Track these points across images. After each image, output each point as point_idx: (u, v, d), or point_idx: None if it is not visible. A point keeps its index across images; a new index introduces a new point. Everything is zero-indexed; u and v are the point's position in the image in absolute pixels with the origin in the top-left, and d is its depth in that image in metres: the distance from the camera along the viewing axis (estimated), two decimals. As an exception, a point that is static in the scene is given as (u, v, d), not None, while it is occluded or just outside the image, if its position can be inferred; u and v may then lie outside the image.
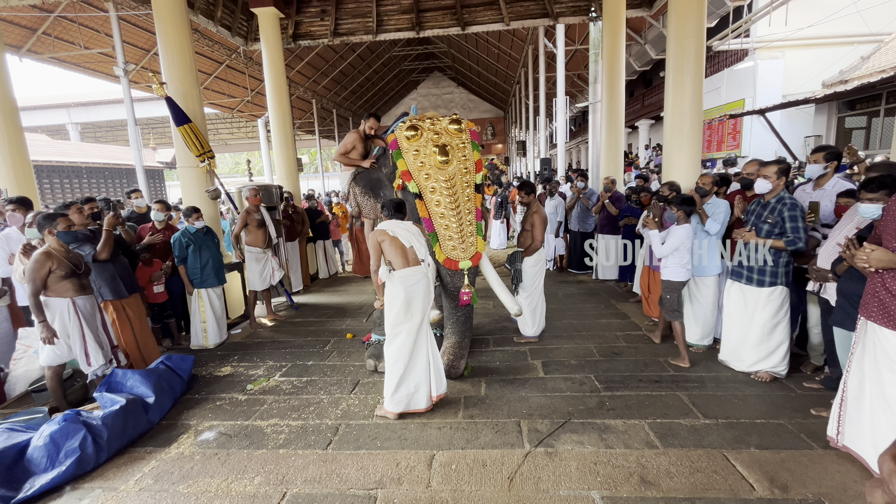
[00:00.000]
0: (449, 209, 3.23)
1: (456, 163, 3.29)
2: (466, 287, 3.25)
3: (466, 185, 3.33)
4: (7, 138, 4.69)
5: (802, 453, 2.37)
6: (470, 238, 3.30)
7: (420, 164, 3.29)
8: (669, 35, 4.75)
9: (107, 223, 3.39)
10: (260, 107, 16.43)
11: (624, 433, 2.63)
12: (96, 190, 17.48)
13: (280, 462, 2.52)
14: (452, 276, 3.35)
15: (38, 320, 2.96)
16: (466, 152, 3.37)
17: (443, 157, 3.22)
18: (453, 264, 3.27)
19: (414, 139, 3.31)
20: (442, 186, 3.24)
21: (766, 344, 3.12)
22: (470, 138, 3.46)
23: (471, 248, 3.29)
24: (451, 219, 3.24)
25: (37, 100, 21.75)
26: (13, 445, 2.44)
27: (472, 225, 3.32)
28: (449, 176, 3.25)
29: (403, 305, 2.82)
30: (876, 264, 2.04)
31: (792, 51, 11.19)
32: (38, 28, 9.08)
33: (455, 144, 3.33)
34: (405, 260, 2.86)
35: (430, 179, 3.27)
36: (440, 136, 3.34)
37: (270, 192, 5.99)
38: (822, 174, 3.25)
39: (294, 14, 8.30)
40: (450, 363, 3.30)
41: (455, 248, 3.27)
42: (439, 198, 3.26)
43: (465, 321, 3.43)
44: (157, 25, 4.71)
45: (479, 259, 3.34)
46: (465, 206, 3.30)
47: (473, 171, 3.40)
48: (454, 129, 3.38)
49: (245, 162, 7.09)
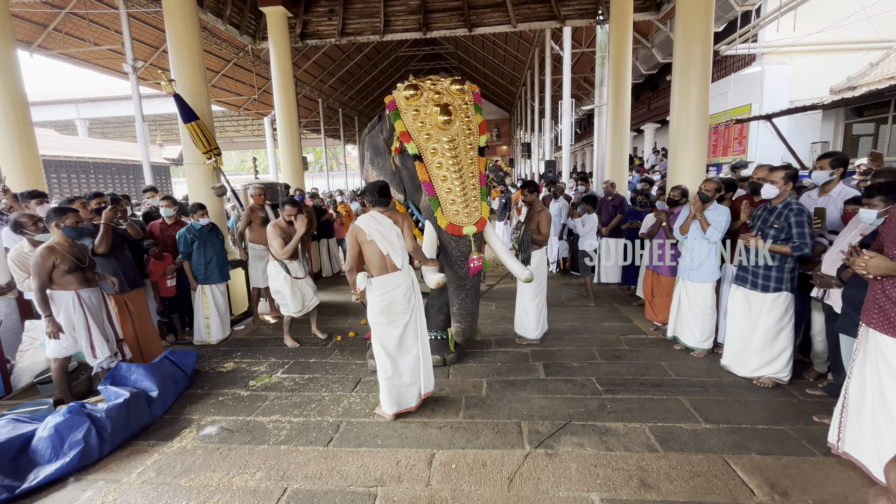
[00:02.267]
0: (452, 171, 3.03)
1: (459, 123, 3.09)
2: (475, 253, 3.07)
3: (470, 146, 3.12)
4: (17, 133, 4.74)
5: (804, 460, 2.36)
6: (474, 203, 3.09)
7: (420, 124, 3.08)
8: (676, 39, 4.75)
9: (104, 217, 3.40)
10: (266, 105, 16.51)
11: (624, 436, 2.63)
12: (103, 185, 17.62)
13: (281, 458, 2.54)
14: (458, 243, 3.13)
15: (44, 315, 2.99)
16: (469, 113, 3.18)
17: (445, 116, 3.02)
18: (457, 230, 3.05)
19: (413, 98, 3.10)
20: (444, 147, 3.04)
21: (770, 350, 3.11)
22: (472, 100, 3.28)
23: (475, 213, 3.09)
24: (454, 182, 3.03)
25: (46, 95, 21.94)
26: (18, 436, 2.47)
27: (476, 189, 3.11)
28: (451, 136, 3.05)
29: (384, 311, 2.83)
30: (874, 272, 2.05)
31: (800, 56, 11.14)
32: (49, 24, 9.17)
33: (457, 105, 3.13)
34: (382, 267, 2.82)
35: (431, 140, 3.06)
36: (442, 96, 3.13)
37: (275, 190, 6.02)
38: (828, 181, 3.25)
39: (302, 13, 8.35)
40: (462, 332, 3.25)
41: (458, 212, 3.06)
42: (441, 159, 3.05)
43: (474, 297, 3.24)
44: (166, 23, 4.75)
45: (485, 225, 3.14)
46: (469, 169, 3.09)
47: (477, 132, 3.20)
48: (456, 90, 3.18)
49: (251, 160, 7.14)
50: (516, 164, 25.83)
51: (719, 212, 3.53)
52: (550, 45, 11.24)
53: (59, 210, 3.10)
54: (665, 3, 7.51)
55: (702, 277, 3.63)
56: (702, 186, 3.64)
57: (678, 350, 3.85)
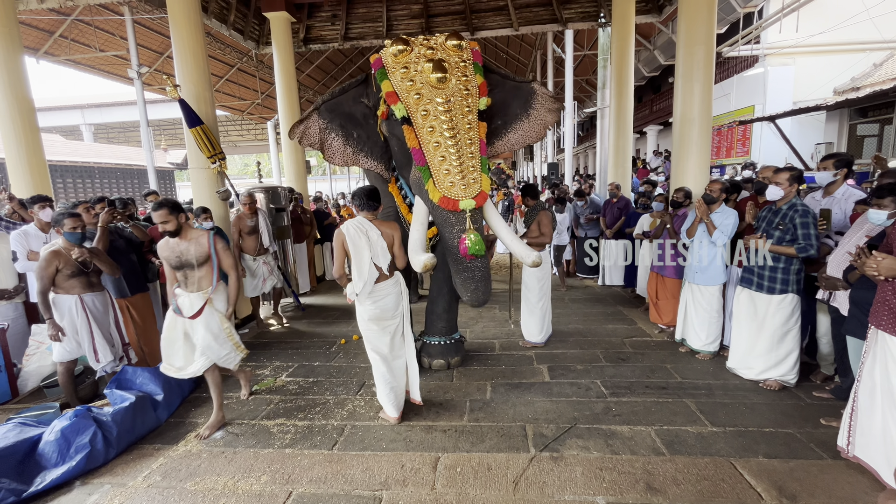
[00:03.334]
0: (446, 137, 2.64)
1: (455, 81, 2.72)
2: (469, 231, 2.60)
3: (468, 109, 2.73)
4: (24, 138, 4.80)
5: (812, 463, 2.34)
6: (473, 173, 2.67)
7: (410, 82, 2.72)
8: (679, 41, 4.75)
9: (101, 219, 3.41)
10: (270, 109, 16.60)
11: (630, 439, 2.61)
12: (108, 190, 17.73)
13: (286, 462, 2.54)
14: (456, 220, 2.70)
15: (46, 317, 3.01)
16: (468, 72, 2.81)
17: (438, 73, 2.66)
18: (452, 204, 2.62)
19: (403, 55, 2.76)
20: (438, 109, 2.66)
21: (776, 352, 3.09)
22: (471, 58, 2.90)
23: (474, 184, 2.65)
24: (450, 148, 2.64)
25: (52, 101, 22.14)
26: (25, 440, 2.48)
27: (475, 157, 2.70)
28: (446, 97, 2.68)
29: (376, 319, 2.81)
30: (886, 273, 2.03)
31: (803, 57, 11.11)
32: (56, 31, 9.27)
33: (453, 62, 2.78)
34: (371, 273, 2.73)
35: (422, 101, 2.69)
36: (435, 52, 2.79)
37: (278, 193, 6.04)
38: (832, 181, 3.23)
39: (305, 18, 8.41)
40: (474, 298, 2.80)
41: (454, 184, 2.63)
42: (434, 123, 2.66)
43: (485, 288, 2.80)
44: (171, 29, 4.79)
45: (485, 199, 2.71)
46: (466, 135, 2.70)
47: (476, 94, 2.79)
48: (452, 46, 2.82)
49: (255, 164, 7.18)
50: (518, 166, 25.83)
51: (726, 214, 3.50)
52: (552, 47, 11.26)
53: (62, 215, 3.12)
54: (667, 6, 7.52)
55: (707, 280, 3.62)
56: (707, 188, 3.63)
57: (683, 353, 3.83)
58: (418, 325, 3.98)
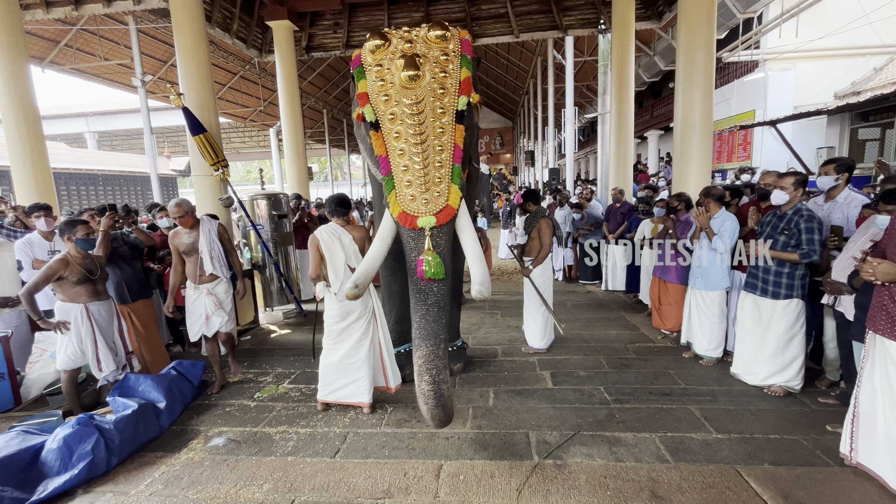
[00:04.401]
0: (411, 143, 2.35)
1: (429, 79, 2.40)
2: (427, 252, 2.31)
3: (441, 111, 2.39)
4: (30, 146, 4.85)
5: (818, 470, 2.32)
6: (438, 186, 2.35)
7: (381, 82, 2.45)
8: (679, 47, 4.78)
9: (103, 224, 3.42)
10: (272, 116, 16.72)
11: (634, 446, 2.59)
12: (112, 197, 17.84)
13: (288, 469, 2.53)
14: (415, 239, 2.38)
15: (35, 318, 3.00)
16: (449, 67, 2.48)
17: (409, 70, 2.35)
18: (410, 220, 2.34)
19: (380, 51, 2.52)
20: (405, 112, 2.37)
21: (781, 357, 3.07)
22: (459, 50, 2.57)
23: (438, 199, 2.33)
24: (414, 156, 2.35)
25: (56, 109, 22.36)
26: (28, 448, 2.48)
27: (443, 167, 2.37)
28: (416, 98, 2.37)
29: (343, 316, 3.03)
30: (882, 277, 2.04)
31: (803, 62, 11.15)
32: (61, 40, 9.38)
33: (433, 56, 2.47)
34: (345, 275, 2.95)
35: (390, 102, 2.41)
36: (414, 46, 2.51)
37: (279, 200, 6.06)
38: (834, 186, 3.23)
39: (308, 27, 8.49)
40: (432, 391, 2.26)
41: (415, 197, 2.34)
42: (400, 128, 2.38)
43: (437, 314, 2.36)
44: (176, 38, 4.84)
45: (450, 216, 2.36)
46: (436, 141, 2.37)
47: (454, 92, 2.45)
48: (435, 37, 2.50)
49: (258, 171, 7.21)
50: (520, 171, 25.90)
51: (724, 219, 3.50)
52: (553, 54, 11.33)
53: (71, 223, 3.14)
54: (666, 12, 7.57)
55: (710, 286, 3.61)
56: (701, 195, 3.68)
57: (687, 358, 3.82)
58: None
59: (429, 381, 2.26)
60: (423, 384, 2.27)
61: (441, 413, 2.29)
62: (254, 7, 8.15)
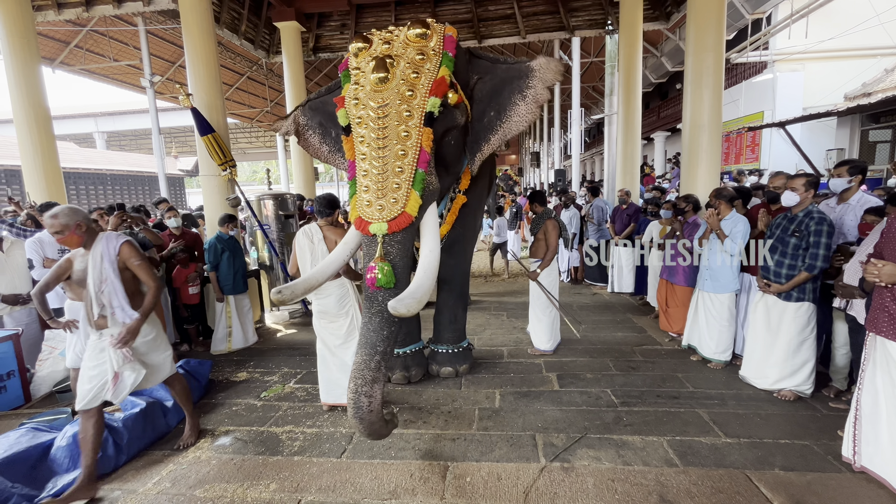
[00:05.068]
0: (373, 147, 2.31)
1: (398, 80, 2.35)
2: (377, 260, 2.25)
3: (407, 114, 2.32)
4: (41, 146, 4.90)
5: (830, 476, 2.29)
6: (396, 192, 2.28)
7: (356, 85, 2.45)
8: (688, 48, 4.74)
9: (110, 224, 3.46)
10: (278, 117, 16.76)
11: (642, 450, 2.57)
12: (120, 196, 18.00)
13: (295, 469, 2.53)
14: (368, 246, 2.36)
15: (46, 317, 3.00)
16: (424, 67, 2.41)
17: (378, 72, 2.31)
18: (363, 226, 2.31)
19: (363, 53, 2.51)
20: (370, 115, 2.34)
21: (792, 361, 3.03)
22: (441, 48, 2.51)
23: (393, 205, 2.26)
24: (373, 161, 2.30)
25: (66, 109, 22.60)
26: (38, 445, 2.50)
27: (403, 173, 2.30)
28: (382, 101, 2.33)
29: (320, 315, 3.11)
30: (887, 279, 2.04)
31: (812, 63, 11.05)
32: (71, 41, 9.49)
33: (408, 57, 2.41)
34: None
35: (360, 106, 2.39)
36: (391, 47, 2.47)
37: (286, 200, 6.08)
38: (847, 188, 3.19)
39: (315, 28, 8.52)
40: (352, 400, 2.19)
41: (371, 203, 2.29)
42: (364, 131, 2.35)
43: (378, 324, 2.26)
44: (185, 40, 4.88)
45: (405, 224, 2.28)
46: (397, 146, 2.30)
47: (424, 94, 2.37)
48: (414, 36, 2.45)
49: (264, 171, 7.25)
50: (525, 172, 25.85)
51: (735, 221, 3.47)
52: (559, 54, 11.30)
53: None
54: (675, 13, 7.52)
55: (719, 288, 3.58)
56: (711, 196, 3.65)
57: (695, 361, 3.78)
58: (426, 332, 3.97)
59: (352, 390, 2.20)
60: (348, 391, 2.22)
61: (359, 425, 2.21)
62: (262, 8, 8.19)
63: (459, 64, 2.70)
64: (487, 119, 2.90)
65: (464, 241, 3.68)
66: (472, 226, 3.77)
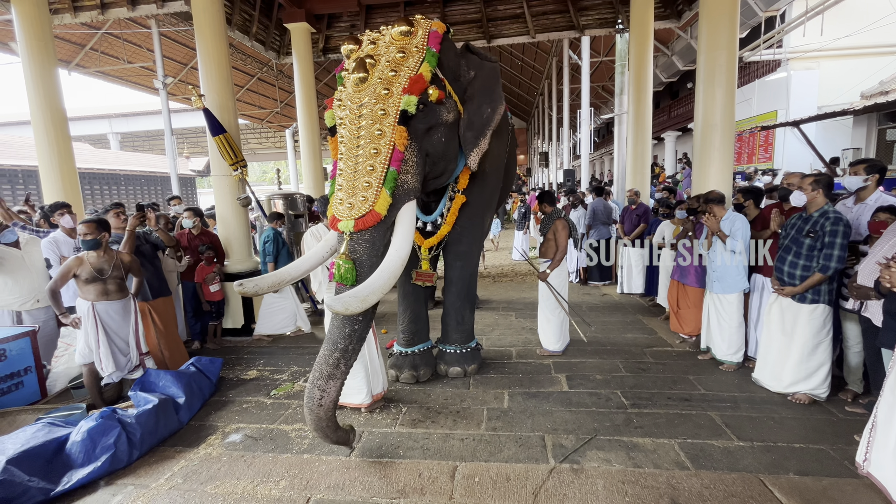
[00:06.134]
0: (349, 147, 2.38)
1: (375, 80, 2.38)
2: (340, 256, 2.31)
3: (382, 112, 2.34)
4: (57, 147, 4.99)
5: (847, 482, 2.24)
6: (365, 190, 2.32)
7: (341, 87, 2.52)
8: (700, 46, 4.68)
9: (129, 224, 3.52)
10: (288, 117, 16.93)
11: (653, 452, 2.55)
12: (133, 196, 18.26)
13: (304, 467, 2.55)
14: (339, 242, 2.43)
15: (58, 312, 3.16)
16: (404, 65, 2.42)
17: (357, 73, 2.34)
18: (334, 223, 2.39)
19: (354, 54, 2.55)
20: (349, 116, 2.40)
21: (807, 364, 2.98)
22: (424, 44, 2.51)
23: (362, 204, 2.31)
24: (348, 160, 2.38)
25: (81, 111, 23.01)
26: (53, 439, 2.54)
27: (374, 171, 2.33)
28: (360, 101, 2.38)
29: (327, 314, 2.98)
30: None
31: (828, 61, 10.85)
32: (87, 44, 9.65)
33: (390, 56, 2.43)
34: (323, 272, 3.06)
35: (341, 107, 2.47)
36: (376, 47, 2.51)
37: (295, 200, 6.13)
38: (863, 187, 3.13)
39: (325, 29, 8.57)
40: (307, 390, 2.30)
41: (342, 201, 2.36)
42: (344, 131, 2.42)
43: (341, 321, 2.31)
44: (197, 42, 4.93)
45: (372, 222, 2.32)
46: (370, 145, 2.34)
47: (399, 92, 2.39)
48: (398, 34, 2.47)
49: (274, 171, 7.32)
50: (533, 172, 25.74)
51: (732, 220, 3.47)
52: (568, 54, 11.24)
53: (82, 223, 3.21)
54: (686, 11, 7.43)
55: (726, 289, 3.54)
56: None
57: (706, 363, 3.74)
58: (434, 331, 3.97)
59: (309, 381, 2.31)
60: (307, 383, 2.31)
61: (308, 416, 2.29)
62: (272, 10, 8.27)
63: (448, 59, 2.71)
64: (485, 115, 2.89)
65: (469, 243, 3.65)
66: (477, 226, 3.70)
